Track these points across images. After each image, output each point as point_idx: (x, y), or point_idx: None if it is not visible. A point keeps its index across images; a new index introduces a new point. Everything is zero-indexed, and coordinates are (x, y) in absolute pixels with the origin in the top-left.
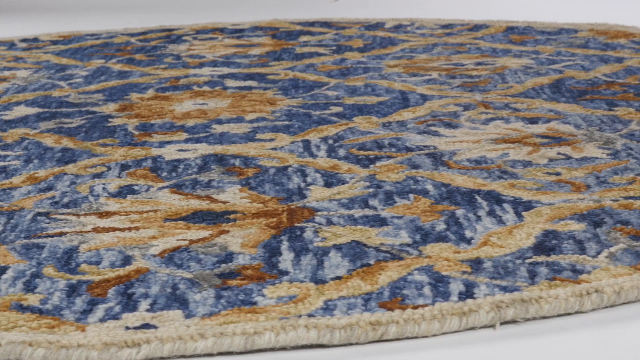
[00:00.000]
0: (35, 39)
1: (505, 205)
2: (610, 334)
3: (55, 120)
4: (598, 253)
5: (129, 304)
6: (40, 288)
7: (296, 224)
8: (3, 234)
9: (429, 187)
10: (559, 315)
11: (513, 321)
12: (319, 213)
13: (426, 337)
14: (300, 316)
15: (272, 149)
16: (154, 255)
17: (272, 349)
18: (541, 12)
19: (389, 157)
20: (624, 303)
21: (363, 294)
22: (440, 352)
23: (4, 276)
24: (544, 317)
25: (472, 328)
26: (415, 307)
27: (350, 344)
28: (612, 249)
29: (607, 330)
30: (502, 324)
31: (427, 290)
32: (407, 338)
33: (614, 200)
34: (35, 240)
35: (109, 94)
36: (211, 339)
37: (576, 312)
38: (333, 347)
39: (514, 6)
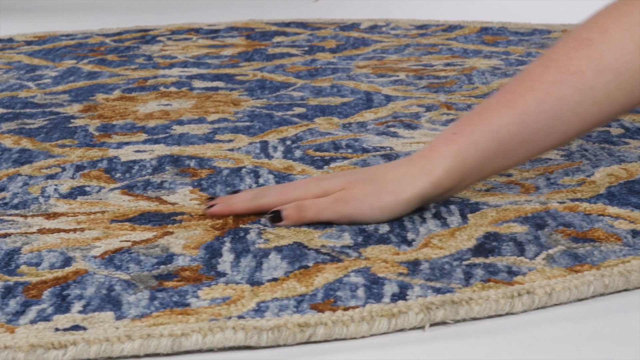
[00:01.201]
0: (10, 40)
1: (452, 207)
2: (540, 335)
3: (18, 121)
4: (536, 255)
5: (62, 305)
6: None
7: (241, 226)
8: None
9: None
10: (490, 317)
11: (444, 323)
12: (266, 215)
13: (355, 338)
14: (230, 318)
15: (229, 150)
16: (95, 257)
17: (200, 351)
18: (517, 13)
19: (344, 158)
20: (556, 304)
21: (297, 296)
22: (368, 353)
23: None
24: (474, 319)
25: (402, 329)
26: (346, 309)
27: (279, 346)
28: (550, 251)
29: (536, 331)
30: (433, 325)
31: (360, 292)
32: (336, 339)
33: (560, 203)
34: None
35: (75, 95)
36: (138, 340)
37: (507, 314)
38: (261, 348)
39: (491, 7)
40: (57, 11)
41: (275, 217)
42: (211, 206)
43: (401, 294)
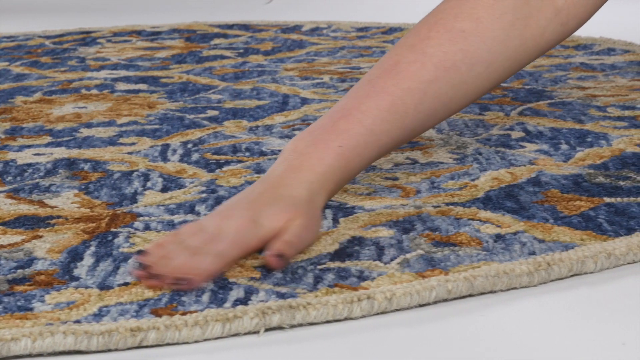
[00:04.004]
0: None
1: (326, 211)
2: (374, 339)
3: None
4: (392, 259)
5: None
6: None
7: (112, 229)
8: None
9: None
10: (328, 322)
11: (280, 327)
12: (140, 218)
13: (187, 343)
14: (66, 322)
15: (128, 153)
16: None
17: (30, 355)
18: None
19: (239, 161)
20: (397, 310)
21: (141, 300)
22: (199, 357)
23: None
24: (313, 324)
25: (237, 334)
26: (184, 314)
27: (110, 350)
28: (408, 255)
29: (371, 336)
30: (271, 330)
31: (205, 297)
32: (169, 344)
33: (434, 207)
34: None
35: None
36: None
37: (346, 319)
38: (92, 353)
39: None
40: (9, 12)
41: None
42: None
43: (245, 299)
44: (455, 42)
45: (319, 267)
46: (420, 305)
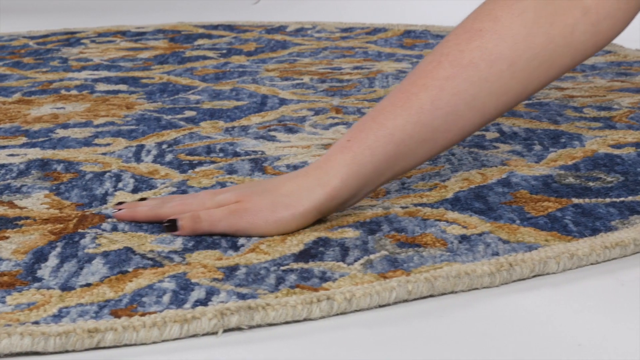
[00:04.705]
0: None
1: None
2: (336, 340)
3: None
4: (356, 260)
5: None
6: None
7: (79, 230)
8: None
9: None
10: (288, 323)
11: (239, 328)
12: (109, 220)
13: (145, 344)
14: (24, 323)
15: (102, 154)
16: None
17: None
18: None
19: (212, 162)
20: (357, 310)
21: (102, 301)
22: (156, 358)
23: None
24: (272, 324)
25: (195, 335)
26: (143, 315)
27: (67, 351)
28: (372, 256)
29: (328, 336)
30: (230, 330)
31: (166, 297)
32: (127, 345)
33: (402, 208)
34: None
35: None
36: None
37: (305, 319)
38: (49, 354)
39: (437, 9)
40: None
41: (171, 227)
42: (119, 210)
43: (205, 300)
44: (472, 41)
45: (282, 268)
46: (381, 306)
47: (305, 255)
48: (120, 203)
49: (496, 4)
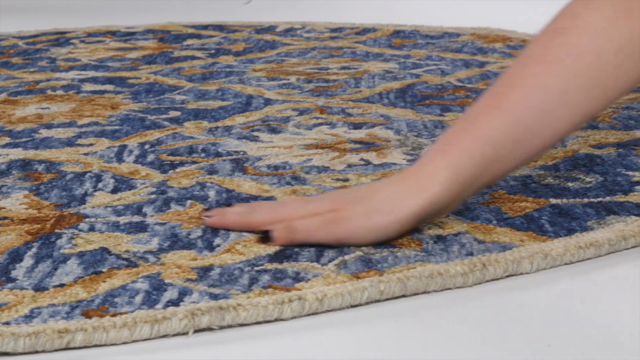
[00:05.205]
0: None
1: None
2: (306, 340)
3: None
4: (330, 261)
5: None
6: None
7: (56, 231)
8: None
9: (212, 193)
10: (259, 323)
11: (210, 328)
12: (87, 220)
13: (116, 344)
14: None
15: (84, 154)
16: None
17: None
18: (451, 15)
19: (193, 162)
20: (329, 310)
21: (74, 302)
22: (126, 358)
23: None
24: (243, 325)
25: (166, 335)
26: (115, 315)
27: (37, 352)
28: (346, 257)
29: (299, 337)
30: (201, 330)
31: (139, 298)
32: (97, 346)
33: None
34: None
35: None
36: None
37: (276, 320)
38: (19, 355)
39: (430, 9)
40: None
41: (265, 237)
42: (208, 217)
43: (177, 300)
44: (555, 39)
45: (256, 268)
46: (353, 306)
47: (280, 255)
48: (207, 209)
49: (574, 4)
